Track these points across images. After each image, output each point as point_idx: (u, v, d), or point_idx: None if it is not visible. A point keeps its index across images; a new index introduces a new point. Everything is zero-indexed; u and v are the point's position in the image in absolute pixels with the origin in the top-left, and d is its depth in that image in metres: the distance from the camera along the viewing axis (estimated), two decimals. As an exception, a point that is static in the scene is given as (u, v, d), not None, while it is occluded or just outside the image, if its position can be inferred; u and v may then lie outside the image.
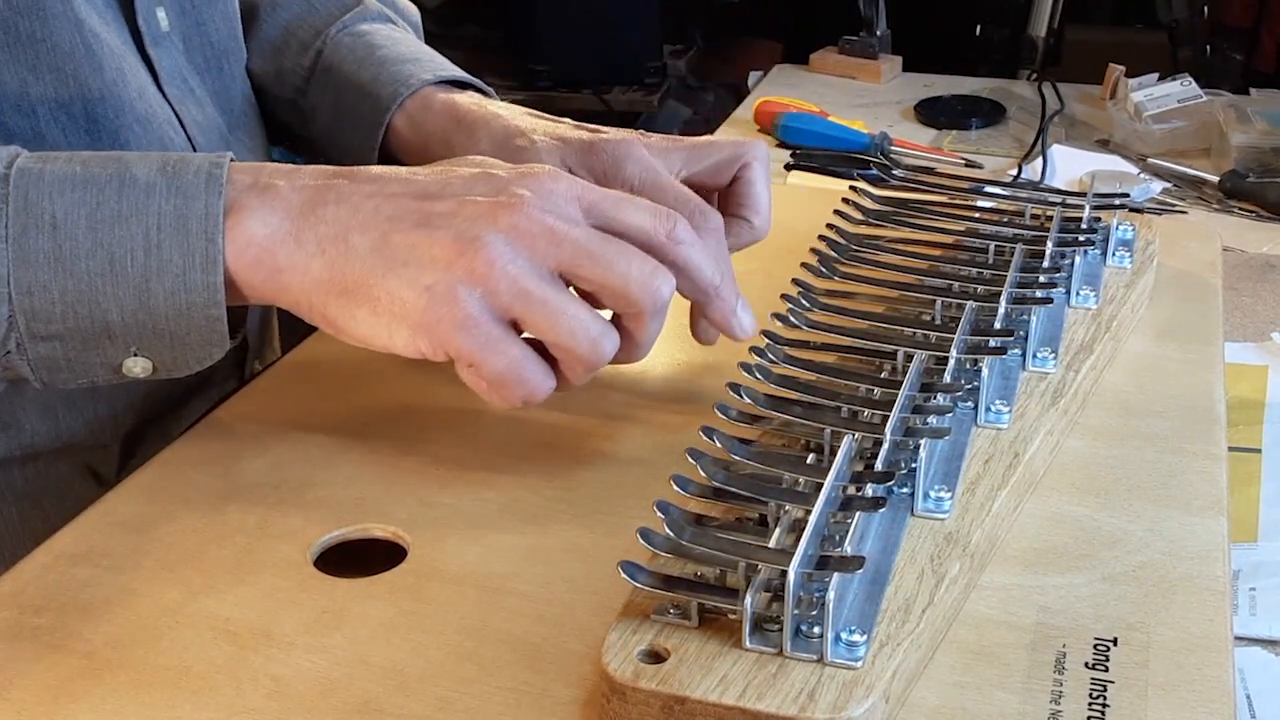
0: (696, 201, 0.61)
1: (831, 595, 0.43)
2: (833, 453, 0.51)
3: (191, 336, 0.53)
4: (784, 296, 0.63)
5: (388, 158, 0.74)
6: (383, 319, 0.51)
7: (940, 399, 0.55)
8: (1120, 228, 0.73)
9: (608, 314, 0.55)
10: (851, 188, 0.76)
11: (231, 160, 0.53)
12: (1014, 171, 1.39)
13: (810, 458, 0.53)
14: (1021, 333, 0.61)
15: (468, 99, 0.73)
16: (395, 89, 0.73)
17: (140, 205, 0.51)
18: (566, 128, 0.67)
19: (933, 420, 0.53)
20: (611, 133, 0.66)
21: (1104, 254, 0.71)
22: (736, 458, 0.51)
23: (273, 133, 0.83)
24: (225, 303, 0.52)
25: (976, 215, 0.74)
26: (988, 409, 0.57)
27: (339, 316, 0.52)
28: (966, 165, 1.41)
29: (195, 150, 0.71)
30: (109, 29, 0.66)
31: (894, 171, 0.78)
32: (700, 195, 0.63)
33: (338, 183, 0.53)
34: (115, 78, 0.66)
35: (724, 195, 0.67)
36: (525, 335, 0.53)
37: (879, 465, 0.51)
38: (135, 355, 0.53)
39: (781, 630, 0.43)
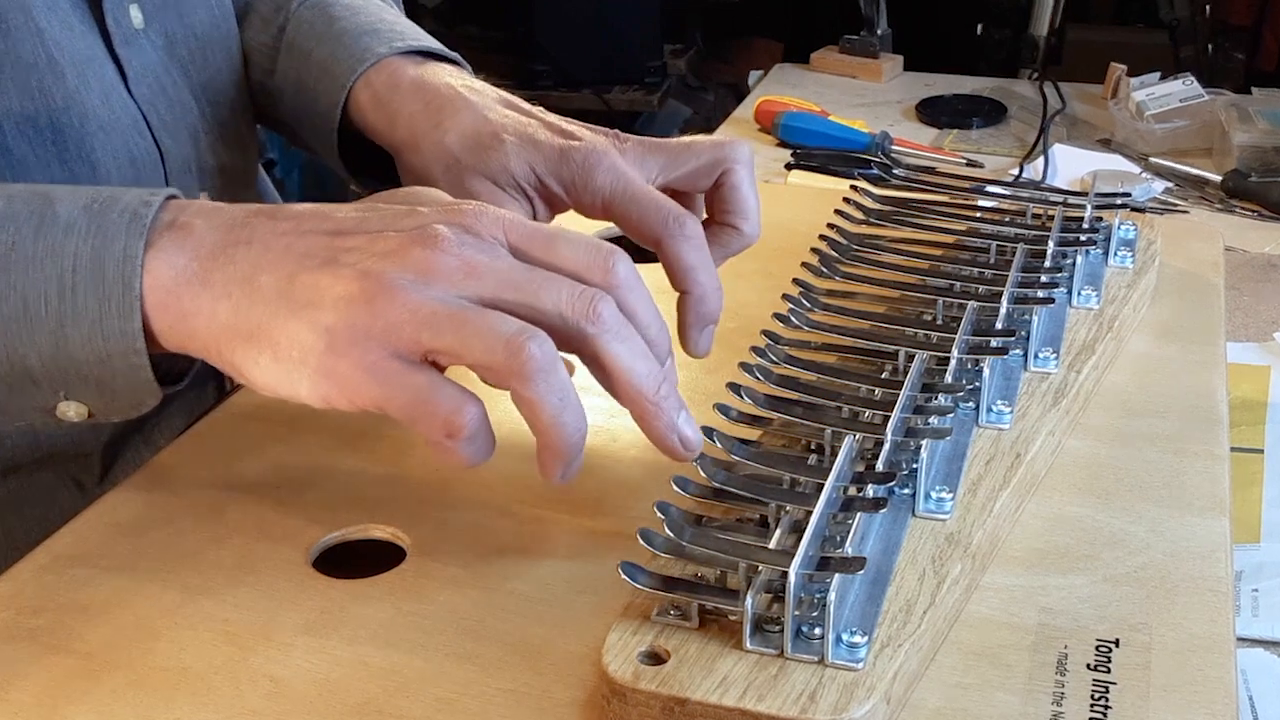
0: (672, 208, 0.58)
1: (832, 596, 0.43)
2: (833, 453, 0.51)
3: (118, 383, 0.50)
4: (785, 296, 0.63)
5: (353, 139, 0.72)
6: (283, 365, 0.47)
7: (942, 399, 0.55)
8: (1122, 227, 0.73)
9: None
10: (852, 187, 0.76)
11: (171, 197, 0.50)
12: (1015, 171, 1.39)
13: (811, 458, 0.53)
14: (1023, 333, 0.61)
15: (438, 77, 0.68)
16: (352, 65, 0.70)
17: (57, 246, 0.48)
18: (539, 128, 0.63)
19: (934, 421, 0.53)
20: (585, 138, 0.62)
21: (1106, 254, 0.71)
22: (737, 458, 0.51)
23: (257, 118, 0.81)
24: (147, 350, 0.49)
25: (978, 215, 0.74)
26: (989, 409, 0.57)
27: (243, 363, 0.48)
28: (968, 165, 1.40)
29: (161, 154, 0.70)
30: (73, 33, 0.65)
31: (895, 171, 0.78)
32: (683, 201, 0.61)
33: (256, 220, 0.50)
34: (78, 85, 0.65)
35: (710, 200, 0.64)
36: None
37: (880, 466, 0.50)
38: (66, 400, 0.51)
39: (782, 631, 0.43)
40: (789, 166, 1.38)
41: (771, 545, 0.46)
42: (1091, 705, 0.45)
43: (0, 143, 0.63)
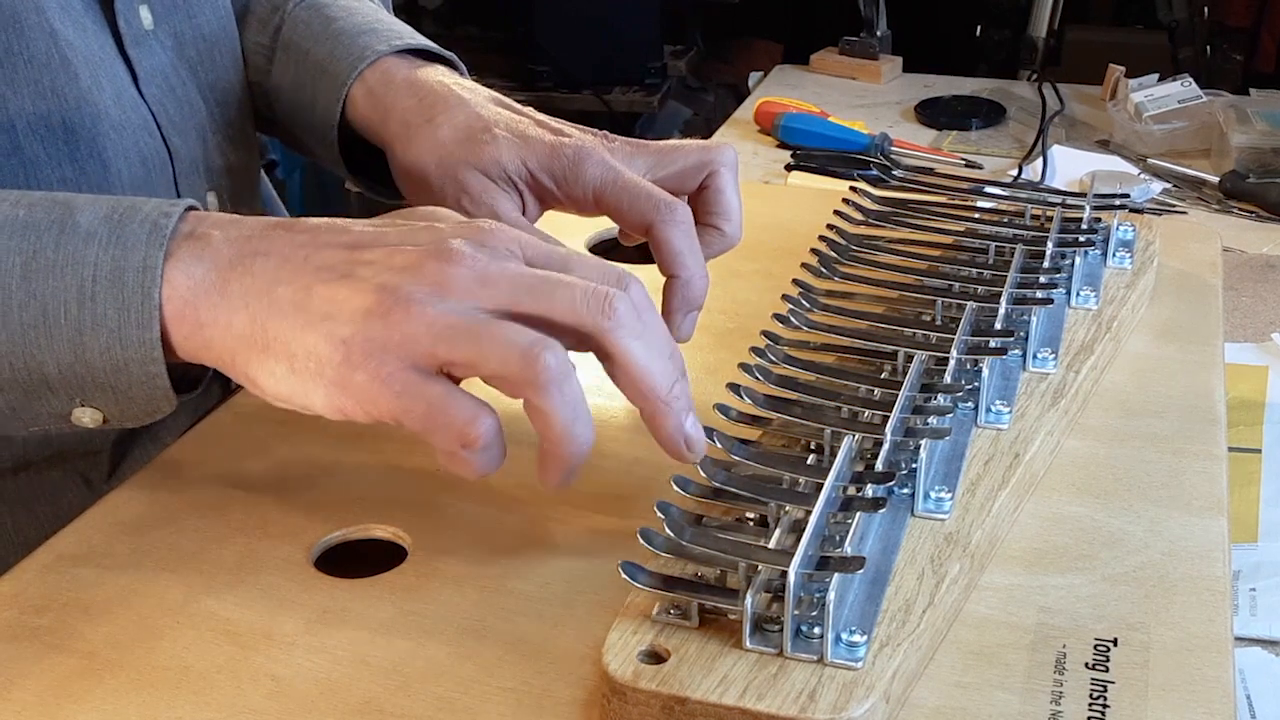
0: (662, 194, 0.60)
1: (832, 596, 0.43)
2: (833, 453, 0.51)
3: (134, 392, 0.50)
4: (784, 297, 0.63)
5: (349, 137, 0.72)
6: (299, 376, 0.47)
7: (940, 399, 0.55)
8: (1120, 228, 0.73)
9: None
10: (852, 188, 0.76)
11: (191, 208, 0.51)
12: (1014, 172, 1.39)
13: (810, 458, 0.53)
14: (1022, 333, 0.62)
15: (431, 75, 0.69)
16: (352, 64, 0.70)
17: (77, 254, 0.49)
18: (530, 125, 0.64)
19: (933, 421, 0.53)
20: (574, 135, 0.64)
21: (1104, 254, 0.71)
22: (737, 458, 0.51)
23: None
24: (164, 359, 0.49)
25: (976, 216, 0.74)
26: (988, 409, 0.57)
27: (258, 374, 0.49)
28: (966, 166, 1.41)
29: (171, 155, 0.70)
30: (86, 34, 0.66)
31: (894, 172, 0.78)
32: None
33: (274, 233, 0.50)
34: (91, 85, 0.65)
35: (694, 202, 0.64)
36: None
37: (879, 466, 0.51)
38: (82, 406, 0.51)
39: (782, 631, 0.43)
40: (789, 167, 1.39)
41: (771, 545, 0.46)
42: (1090, 704, 0.45)
43: (13, 142, 0.63)
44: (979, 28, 2.04)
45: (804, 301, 0.64)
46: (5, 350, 0.49)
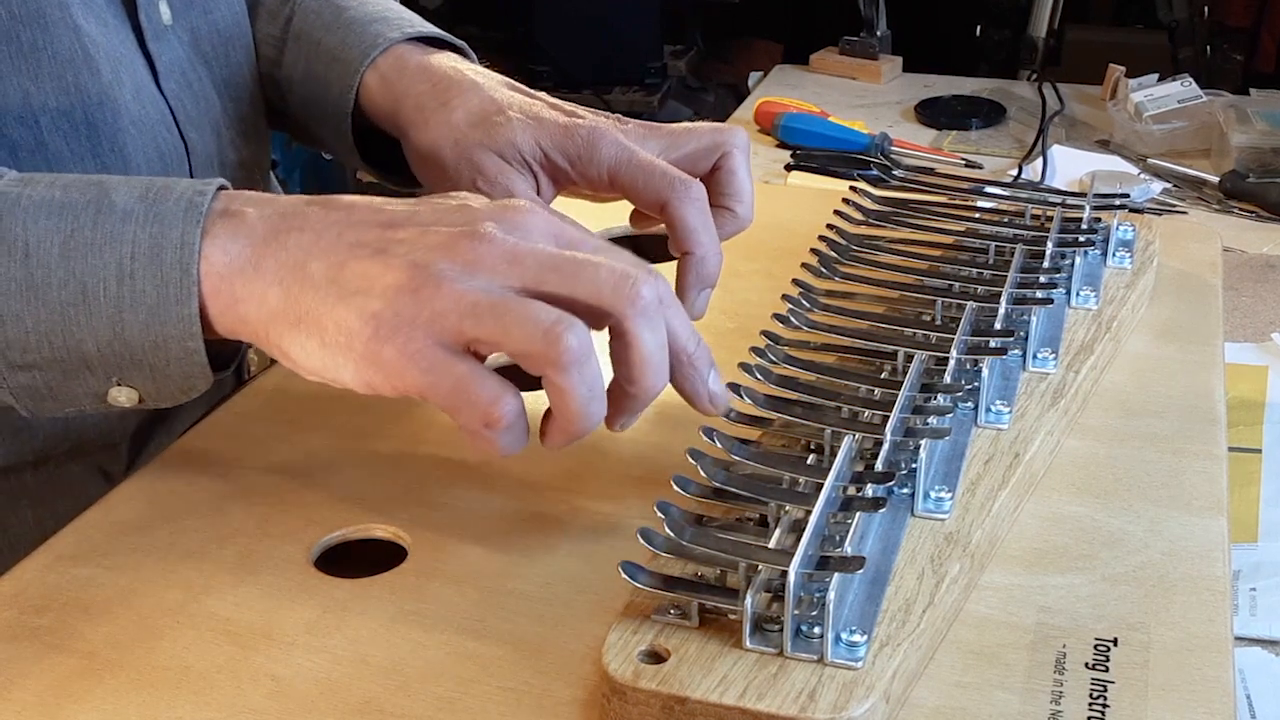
0: (677, 174, 0.60)
1: (832, 595, 0.43)
2: (833, 453, 0.51)
3: (171, 369, 0.51)
4: (784, 297, 0.63)
5: (363, 125, 0.73)
6: (329, 350, 0.48)
7: (940, 399, 0.55)
8: (1120, 228, 0.73)
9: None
10: (852, 188, 0.76)
11: (222, 187, 0.52)
12: (1014, 172, 1.39)
13: (810, 458, 0.53)
14: (1022, 333, 0.62)
15: (444, 61, 0.70)
16: (365, 50, 0.71)
17: (115, 233, 0.50)
18: (543, 107, 0.66)
19: (933, 421, 0.53)
20: (588, 117, 0.65)
21: (1104, 254, 0.71)
22: (737, 458, 0.51)
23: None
24: (203, 335, 0.50)
25: (976, 216, 0.74)
26: (988, 409, 0.57)
27: (290, 348, 0.50)
28: (966, 165, 1.41)
29: (188, 149, 0.71)
30: (107, 29, 0.66)
31: (894, 172, 0.78)
32: None
33: (308, 210, 0.51)
34: (112, 80, 0.65)
35: (706, 184, 0.64)
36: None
37: (879, 465, 0.51)
38: (119, 385, 0.52)
39: (782, 630, 0.43)
40: (789, 167, 1.39)
41: (771, 545, 0.46)
42: (1090, 704, 0.45)
43: (37, 138, 0.63)
44: (979, 28, 2.04)
45: (804, 301, 0.64)
46: (45, 329, 0.50)
